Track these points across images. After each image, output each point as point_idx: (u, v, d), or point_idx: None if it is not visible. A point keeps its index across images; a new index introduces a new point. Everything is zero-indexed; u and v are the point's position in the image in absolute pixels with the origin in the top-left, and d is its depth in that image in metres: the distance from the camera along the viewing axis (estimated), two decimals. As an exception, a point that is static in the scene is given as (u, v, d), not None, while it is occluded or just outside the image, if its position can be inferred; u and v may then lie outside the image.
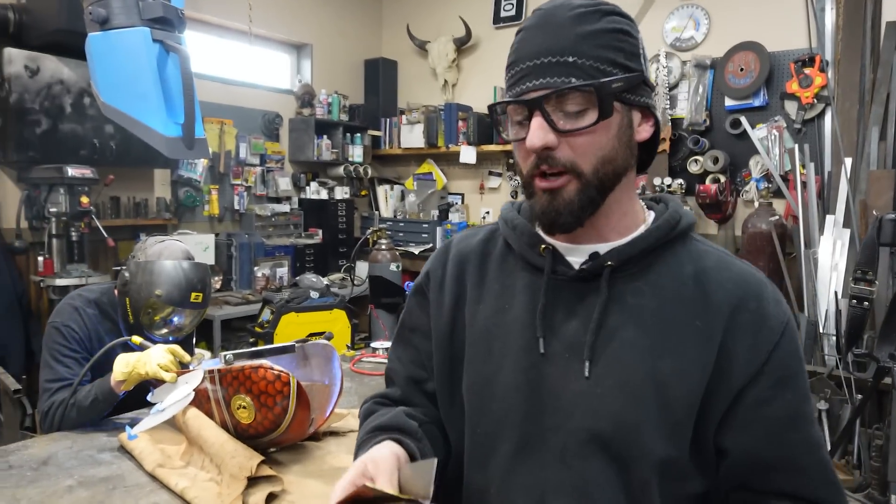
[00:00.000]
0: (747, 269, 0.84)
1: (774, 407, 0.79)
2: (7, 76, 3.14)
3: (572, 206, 0.79)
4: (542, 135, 0.77)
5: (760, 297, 0.81)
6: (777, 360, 0.79)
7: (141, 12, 1.57)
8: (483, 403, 0.86)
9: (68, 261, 3.36)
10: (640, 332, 0.79)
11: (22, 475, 1.46)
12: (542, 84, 0.77)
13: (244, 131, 4.47)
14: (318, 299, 2.98)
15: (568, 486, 0.80)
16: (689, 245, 0.85)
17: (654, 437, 0.77)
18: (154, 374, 1.63)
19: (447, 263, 0.96)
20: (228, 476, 1.38)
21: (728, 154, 3.96)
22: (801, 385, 0.81)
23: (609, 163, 0.79)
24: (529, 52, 0.78)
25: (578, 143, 0.77)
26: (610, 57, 0.77)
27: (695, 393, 0.78)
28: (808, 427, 0.81)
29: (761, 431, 0.79)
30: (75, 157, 3.32)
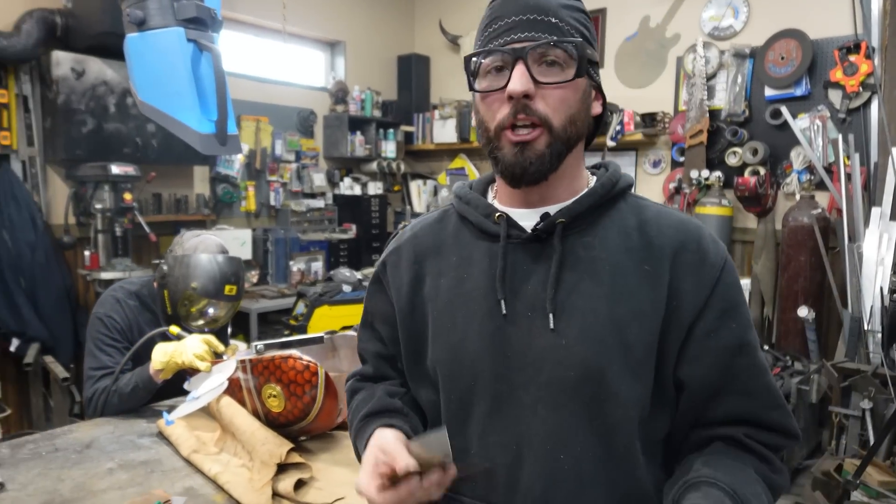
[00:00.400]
0: (685, 217, 0.91)
1: (721, 336, 0.85)
2: (55, 78, 3.26)
3: (542, 157, 0.84)
4: (524, 81, 0.81)
5: (699, 239, 0.87)
6: (719, 294, 0.85)
7: (176, 13, 1.62)
8: (453, 372, 0.91)
9: (113, 255, 3.48)
10: (595, 281, 0.85)
11: (67, 457, 1.54)
12: (529, 37, 0.82)
13: (279, 128, 4.55)
14: (351, 293, 3.02)
15: (542, 437, 0.85)
16: (630, 201, 0.93)
17: (619, 377, 0.83)
18: (190, 363, 1.69)
19: (402, 248, 1.00)
20: (259, 462, 1.42)
21: (768, 145, 3.86)
22: (744, 314, 0.87)
23: (574, 123, 0.85)
24: (514, 9, 0.84)
25: (553, 96, 0.83)
26: (581, 30, 0.86)
27: (652, 332, 0.84)
28: (754, 353, 0.86)
29: (711, 359, 0.85)
30: (119, 156, 3.43)
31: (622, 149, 4.40)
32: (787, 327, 3.66)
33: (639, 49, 4.39)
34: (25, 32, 3.19)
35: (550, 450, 0.84)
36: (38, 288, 3.31)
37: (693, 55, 4.09)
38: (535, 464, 0.85)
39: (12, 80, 3.34)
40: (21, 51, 3.18)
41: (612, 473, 0.84)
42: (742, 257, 4.09)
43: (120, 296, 1.95)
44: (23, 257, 3.26)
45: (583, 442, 0.83)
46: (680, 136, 4.16)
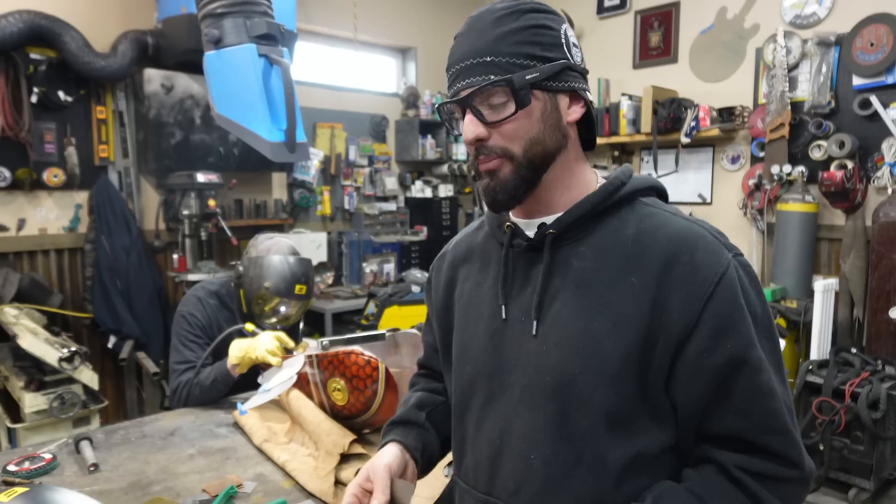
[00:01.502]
0: (687, 226, 0.86)
1: (715, 356, 0.81)
2: (147, 94, 3.51)
3: (506, 185, 0.87)
4: (473, 129, 0.86)
5: (693, 250, 0.83)
6: (712, 310, 0.81)
7: (248, 30, 1.73)
8: (461, 366, 0.99)
9: (198, 258, 3.71)
10: (579, 292, 0.86)
11: (153, 443, 1.67)
12: (468, 84, 0.85)
13: (353, 134, 4.70)
14: (420, 293, 3.09)
15: (519, 436, 0.89)
16: (637, 209, 0.90)
17: (591, 387, 0.83)
18: (262, 358, 1.80)
19: (446, 254, 1.10)
20: (324, 452, 1.49)
21: (856, 137, 3.64)
22: (744, 332, 0.81)
23: (537, 144, 0.86)
24: (458, 56, 0.87)
25: (506, 130, 0.85)
26: (525, 51, 0.84)
27: (631, 344, 0.82)
28: (754, 374, 0.81)
29: (705, 379, 0.82)
30: (204, 165, 3.65)
31: (697, 145, 4.27)
32: (877, 329, 3.45)
33: (715, 42, 4.25)
34: (121, 53, 3.45)
35: (524, 449, 0.88)
36: (133, 289, 3.57)
37: (773, 45, 3.92)
38: (510, 461, 0.90)
39: (109, 97, 3.62)
40: (117, 70, 3.44)
41: (580, 481, 0.85)
42: (829, 256, 3.88)
43: (201, 295, 2.09)
44: (119, 261, 3.52)
45: (552, 446, 0.86)
46: (760, 131, 4.00)
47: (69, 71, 3.37)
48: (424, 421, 1.09)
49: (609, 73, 4.70)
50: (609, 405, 0.83)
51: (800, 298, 3.68)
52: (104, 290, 3.48)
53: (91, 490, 1.40)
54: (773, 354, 0.83)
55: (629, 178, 0.92)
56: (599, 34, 4.86)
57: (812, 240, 3.79)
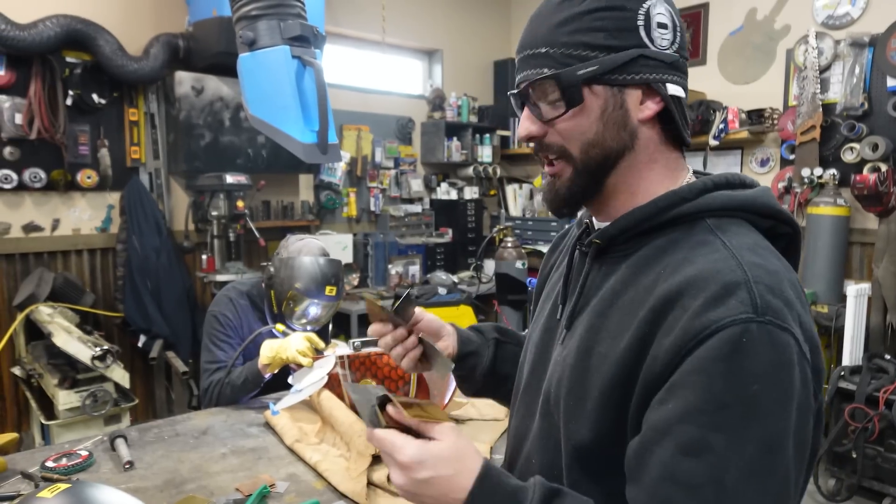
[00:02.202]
0: (721, 267, 0.69)
1: (655, 412, 0.68)
2: (178, 96, 3.56)
3: (562, 192, 0.82)
4: (527, 125, 0.81)
5: (700, 295, 0.67)
6: (686, 367, 0.66)
7: (282, 32, 1.75)
8: (523, 354, 1.00)
9: (227, 259, 3.75)
10: (597, 312, 0.80)
11: (186, 441, 1.69)
12: (523, 77, 0.81)
13: (379, 136, 4.72)
14: (446, 295, 3.09)
15: (530, 438, 0.89)
16: (697, 232, 0.75)
17: (570, 413, 0.79)
18: (293, 358, 1.81)
19: (563, 235, 1.07)
20: (356, 453, 1.50)
21: (890, 140, 3.57)
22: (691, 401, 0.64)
23: (595, 146, 0.78)
24: (519, 44, 0.82)
25: (561, 129, 0.79)
26: (583, 41, 0.76)
27: (611, 383, 0.73)
28: (675, 453, 0.65)
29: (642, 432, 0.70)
30: (233, 166, 3.70)
31: (726, 148, 4.22)
32: (913, 337, 3.37)
33: (744, 43, 4.20)
34: (153, 56, 3.51)
35: (529, 451, 0.89)
36: (162, 289, 3.61)
37: (805, 47, 3.86)
38: (522, 459, 0.91)
39: (141, 99, 3.68)
40: (149, 72, 3.50)
41: None
42: (861, 260, 3.81)
43: (232, 295, 2.11)
44: (149, 261, 3.57)
45: (550, 457, 0.84)
46: (790, 133, 3.94)
47: (103, 74, 3.43)
48: (492, 340, 1.10)
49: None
50: (579, 437, 0.77)
51: (831, 303, 3.61)
52: (135, 289, 3.53)
53: (127, 487, 1.42)
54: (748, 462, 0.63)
55: (699, 194, 0.77)
56: (626, 36, 4.82)
57: (844, 244, 3.72)
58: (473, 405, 1.87)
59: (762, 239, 0.76)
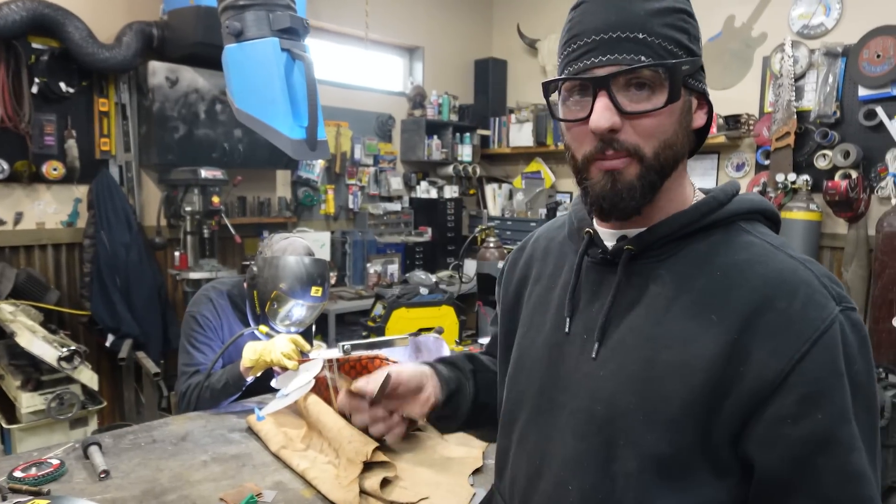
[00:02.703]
0: (791, 266, 0.73)
1: (800, 427, 0.69)
2: (151, 87, 3.45)
3: (634, 191, 0.76)
4: (608, 116, 0.73)
5: (793, 297, 0.70)
6: (805, 373, 0.68)
7: (271, 24, 1.69)
8: (516, 373, 0.92)
9: (200, 256, 3.65)
10: (650, 320, 0.77)
11: (164, 449, 1.62)
12: (612, 60, 0.73)
13: (359, 133, 4.65)
14: (428, 296, 3.05)
15: (561, 462, 0.81)
16: (733, 235, 0.78)
17: (643, 428, 0.74)
18: (278, 361, 1.75)
19: (525, 248, 1.03)
20: (346, 460, 1.45)
21: (861, 148, 3.65)
22: (839, 404, 0.68)
23: (670, 147, 0.76)
24: (596, 25, 0.74)
25: (643, 125, 0.74)
26: (676, 37, 0.74)
27: (695, 391, 0.71)
28: (844, 454, 0.69)
29: (783, 450, 0.70)
30: (208, 160, 3.59)
31: (703, 152, 4.26)
32: (880, 338, 3.46)
33: (722, 49, 4.25)
34: (125, 44, 3.39)
35: (563, 477, 0.80)
36: (132, 286, 3.50)
37: (780, 55, 3.92)
38: (547, 484, 0.82)
39: (112, 89, 3.55)
40: (121, 61, 3.37)
41: None
42: (832, 264, 3.89)
43: (212, 295, 2.04)
44: (118, 257, 3.45)
45: (592, 480, 0.77)
46: (765, 139, 4.00)
47: (72, 61, 3.30)
48: (468, 371, 1.03)
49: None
50: (662, 450, 0.73)
51: (805, 308, 3.68)
52: (103, 287, 3.41)
53: (103, 498, 1.35)
54: (870, 431, 0.71)
55: (730, 199, 0.80)
56: (606, 38, 4.84)
57: (815, 248, 3.80)
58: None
59: None
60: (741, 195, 0.81)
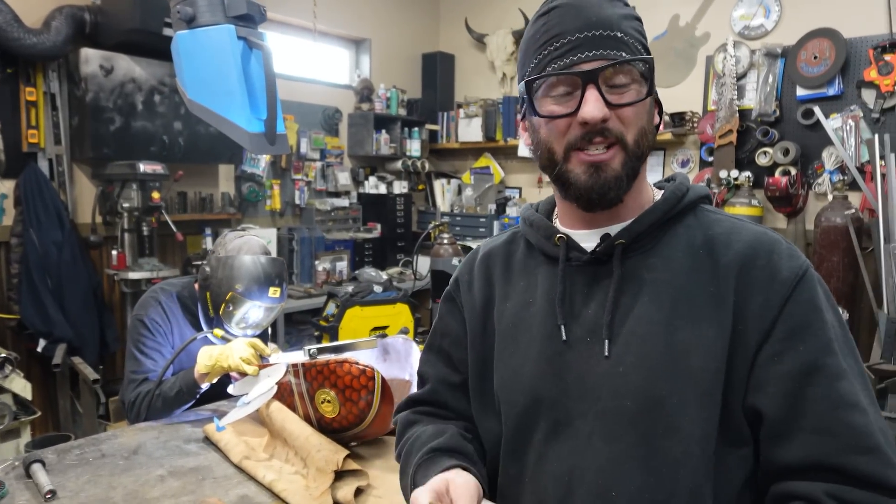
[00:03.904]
0: (760, 230, 0.82)
1: (786, 361, 0.74)
2: (84, 76, 3.24)
3: (620, 180, 0.80)
4: (600, 107, 0.77)
5: (771, 252, 0.79)
6: (789, 312, 0.76)
7: (226, 10, 1.59)
8: (513, 397, 0.88)
9: (139, 254, 3.46)
10: (655, 306, 0.80)
11: (115, 464, 1.50)
12: (598, 56, 0.77)
13: (304, 126, 4.53)
14: (382, 293, 2.99)
15: (594, 471, 0.78)
16: (700, 216, 0.86)
17: (680, 409, 0.75)
18: (237, 367, 1.66)
19: (474, 268, 1.00)
20: (315, 469, 1.38)
21: (799, 145, 3.81)
22: (820, 335, 0.75)
23: (645, 136, 0.81)
24: (578, 25, 0.78)
25: (625, 114, 0.79)
26: (641, 40, 0.82)
27: (718, 359, 0.76)
28: (832, 381, 0.73)
29: (776, 389, 0.74)
30: (146, 154, 3.41)
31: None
32: (820, 330, 3.61)
33: (667, 48, 4.34)
34: (54, 29, 3.17)
35: (603, 485, 0.78)
36: (65, 287, 3.29)
37: (723, 55, 4.04)
38: (585, 499, 0.79)
39: (40, 77, 3.32)
40: (50, 48, 3.15)
41: None
42: (772, 259, 4.04)
43: (161, 297, 1.92)
44: (49, 256, 3.24)
45: (638, 480, 0.76)
46: (709, 136, 4.11)
47: (-5, 47, 3.06)
48: (475, 455, 0.93)
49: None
50: (700, 429, 0.75)
51: (747, 300, 3.81)
52: (33, 288, 3.19)
53: (51, 520, 1.24)
54: (858, 373, 0.75)
55: (692, 185, 0.88)
56: (554, 35, 4.87)
57: (757, 243, 3.93)
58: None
59: None
60: (694, 186, 0.89)
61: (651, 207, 0.84)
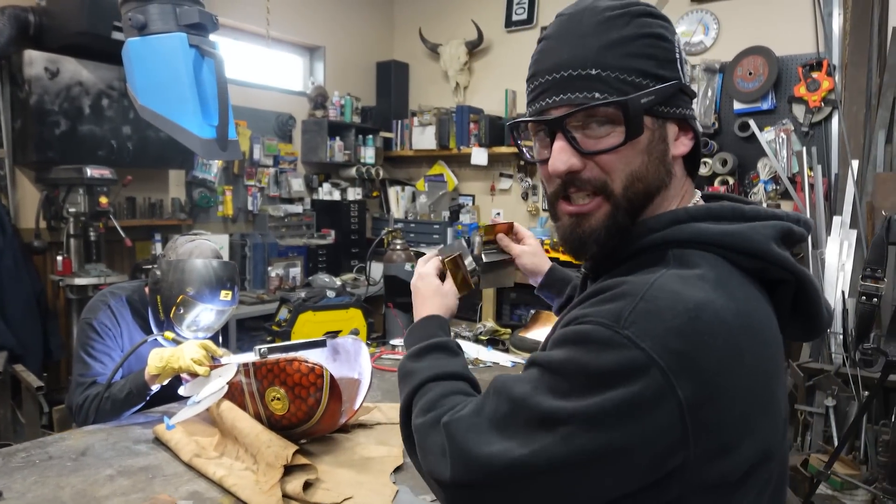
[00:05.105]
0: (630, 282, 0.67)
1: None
2: (27, 78, 3.19)
3: (598, 234, 0.74)
4: (564, 158, 0.72)
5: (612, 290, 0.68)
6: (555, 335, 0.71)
7: (178, 18, 1.62)
8: None
9: (86, 260, 3.41)
10: None
11: (63, 465, 1.51)
12: (564, 101, 0.71)
13: (258, 132, 4.52)
14: (335, 298, 3.02)
15: None
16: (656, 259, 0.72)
17: None
18: (188, 368, 1.68)
19: None
20: (265, 465, 1.42)
21: (736, 156, 4.01)
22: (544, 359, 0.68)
23: (639, 180, 0.73)
24: (549, 64, 0.73)
25: (605, 161, 0.72)
26: (639, 67, 0.71)
27: None
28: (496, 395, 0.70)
29: None
30: (93, 158, 3.37)
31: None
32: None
33: (612, 61, 4.50)
34: (-3, 31, 3.11)
35: None
36: (7, 294, 3.21)
37: (665, 68, 4.22)
38: None
39: (-18, 79, 3.25)
40: (-8, 49, 3.10)
41: None
42: (711, 264, 4.23)
43: (110, 301, 1.93)
44: (-10, 262, 3.17)
45: None
46: (652, 147, 4.28)
47: (-66, 48, 2.99)
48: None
49: (516, 86, 4.85)
50: None
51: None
52: (-27, 294, 3.11)
53: (-3, 520, 1.25)
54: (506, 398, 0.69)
55: (668, 225, 0.73)
56: (507, 47, 5.01)
57: (697, 249, 4.11)
58: (380, 410, 1.85)
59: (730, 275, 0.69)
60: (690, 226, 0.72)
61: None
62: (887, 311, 2.87)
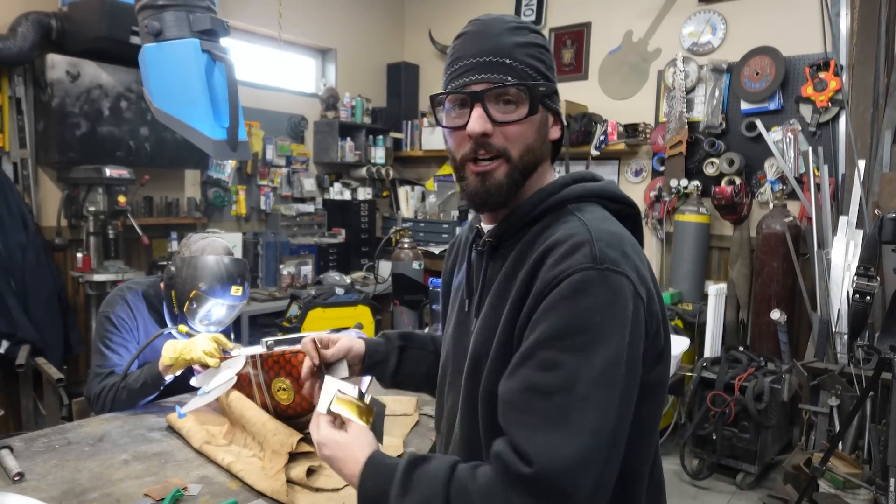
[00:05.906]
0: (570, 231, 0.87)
1: (523, 345, 0.84)
2: (49, 81, 3.29)
3: (501, 187, 0.93)
4: (482, 123, 0.90)
5: (558, 251, 0.84)
6: (542, 307, 0.83)
7: (191, 25, 1.70)
8: (443, 345, 1.14)
9: (105, 257, 3.51)
10: (497, 293, 0.95)
11: (81, 450, 1.59)
12: (485, 79, 0.91)
13: (271, 133, 4.61)
14: (344, 296, 3.09)
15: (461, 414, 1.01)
16: (561, 217, 0.92)
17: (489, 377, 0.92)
18: (199, 359, 1.76)
19: (453, 244, 1.23)
20: (271, 452, 1.50)
21: (743, 156, 4.03)
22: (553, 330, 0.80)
23: (531, 151, 0.94)
24: (473, 51, 0.92)
25: (510, 132, 0.92)
26: (536, 66, 0.93)
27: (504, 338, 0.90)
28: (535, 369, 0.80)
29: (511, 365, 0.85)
30: (112, 159, 3.47)
31: (606, 158, 4.53)
32: (760, 330, 3.82)
33: (622, 62, 4.54)
34: (21, 35, 3.22)
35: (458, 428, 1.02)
36: (29, 290, 3.32)
37: (673, 69, 4.24)
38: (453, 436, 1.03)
39: (6, 82, 3.36)
40: (16, 53, 3.20)
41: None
42: (718, 263, 4.25)
43: (127, 296, 2.01)
44: (13, 258, 3.27)
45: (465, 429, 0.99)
46: (660, 147, 4.30)
47: (-40, 52, 3.10)
48: (397, 346, 1.24)
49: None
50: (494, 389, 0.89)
51: (695, 302, 4.00)
52: (-4, 289, 3.21)
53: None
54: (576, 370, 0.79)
55: (560, 188, 0.95)
56: (515, 47, 5.04)
57: (705, 248, 4.14)
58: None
59: (611, 215, 0.95)
60: (578, 185, 0.96)
61: (512, 211, 0.96)
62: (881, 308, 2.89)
